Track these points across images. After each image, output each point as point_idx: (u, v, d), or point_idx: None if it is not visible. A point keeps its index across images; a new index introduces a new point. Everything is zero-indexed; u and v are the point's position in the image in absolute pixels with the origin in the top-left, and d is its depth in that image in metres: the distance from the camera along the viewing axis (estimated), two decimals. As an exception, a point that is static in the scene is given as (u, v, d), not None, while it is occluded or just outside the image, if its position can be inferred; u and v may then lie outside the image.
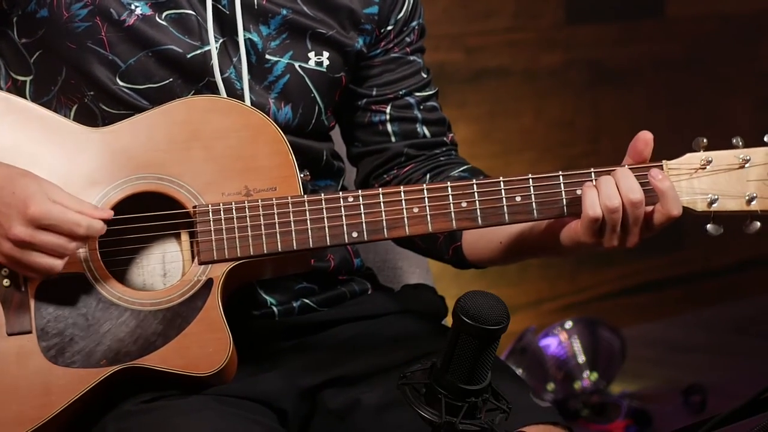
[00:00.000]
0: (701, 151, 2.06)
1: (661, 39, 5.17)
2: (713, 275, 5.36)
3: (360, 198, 2.05)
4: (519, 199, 2.05)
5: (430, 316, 2.32)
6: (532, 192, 2.05)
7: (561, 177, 2.05)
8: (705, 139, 2.06)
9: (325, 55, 2.20)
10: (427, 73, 2.32)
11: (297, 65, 2.18)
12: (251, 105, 2.11)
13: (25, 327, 2.00)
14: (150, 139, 2.05)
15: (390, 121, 2.28)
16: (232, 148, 2.06)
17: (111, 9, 2.09)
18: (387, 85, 2.28)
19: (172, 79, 2.12)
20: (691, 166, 2.05)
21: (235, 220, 2.03)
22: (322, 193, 2.06)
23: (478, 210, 2.05)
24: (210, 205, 2.04)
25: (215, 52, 2.11)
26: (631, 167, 2.03)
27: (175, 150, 2.05)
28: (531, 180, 2.05)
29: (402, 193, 2.05)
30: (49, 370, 1.98)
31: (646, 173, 2.02)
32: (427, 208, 2.06)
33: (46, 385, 1.98)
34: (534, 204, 2.05)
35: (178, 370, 2.00)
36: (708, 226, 2.05)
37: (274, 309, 2.19)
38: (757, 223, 2.05)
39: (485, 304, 1.69)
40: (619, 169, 2.02)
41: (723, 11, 5.31)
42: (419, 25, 2.31)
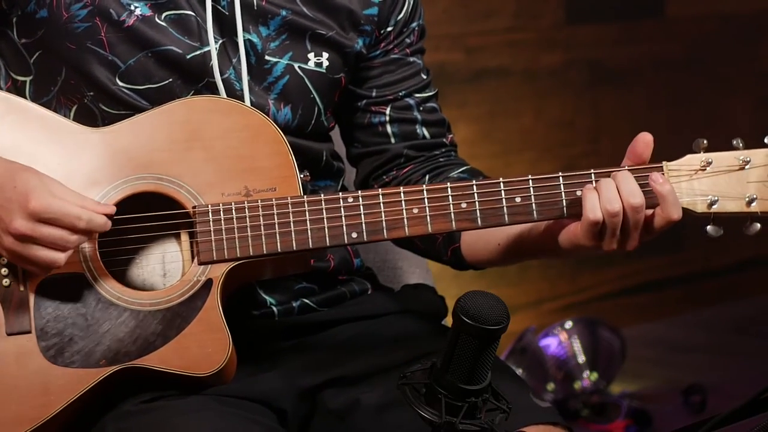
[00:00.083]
0: (701, 153, 2.06)
1: (661, 39, 5.17)
2: (713, 275, 5.36)
3: (360, 198, 2.05)
4: (519, 200, 2.05)
5: (430, 316, 2.32)
6: (532, 193, 2.05)
7: (561, 178, 2.05)
8: (705, 141, 2.06)
9: (325, 56, 2.20)
10: (427, 74, 2.32)
11: (296, 66, 2.18)
12: (251, 106, 2.11)
13: (24, 327, 2.00)
14: (150, 139, 2.05)
15: (389, 123, 2.28)
16: (232, 149, 2.06)
17: (110, 9, 2.09)
18: (387, 86, 2.28)
19: (171, 80, 2.12)
20: (691, 167, 2.05)
21: (234, 221, 2.03)
22: (322, 194, 2.06)
23: (478, 211, 2.05)
24: (210, 206, 2.04)
25: (215, 53, 2.11)
26: (632, 169, 2.03)
27: (175, 150, 2.05)
28: (531, 181, 2.05)
29: (402, 194, 2.05)
30: (48, 370, 1.98)
31: (646, 176, 2.02)
32: (427, 209, 2.05)
33: (45, 385, 1.98)
34: (534, 205, 2.05)
35: (178, 370, 2.00)
36: (708, 227, 2.05)
37: (274, 309, 2.19)
38: (757, 225, 2.04)
39: (485, 304, 1.69)
40: (619, 172, 2.02)
41: (723, 11, 5.30)
42: (419, 26, 2.30)
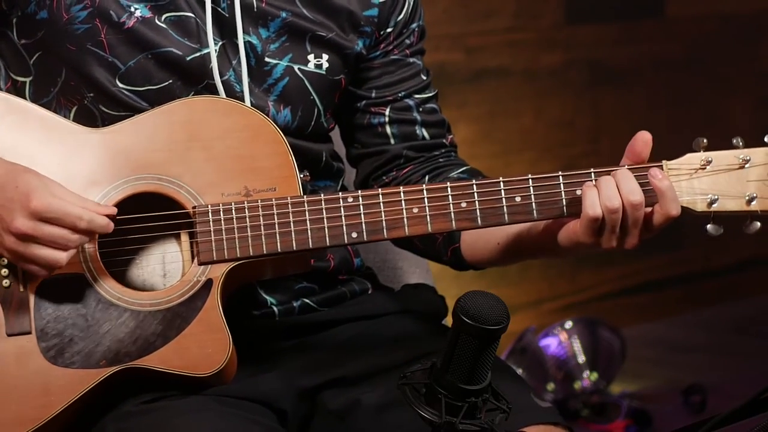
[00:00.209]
0: (701, 151, 2.06)
1: (661, 39, 5.17)
2: (713, 275, 5.36)
3: (359, 198, 2.05)
4: (519, 199, 2.05)
5: (430, 316, 2.32)
6: (532, 192, 2.05)
7: (561, 177, 2.05)
8: (705, 140, 2.06)
9: (325, 57, 2.20)
10: (426, 74, 2.32)
11: (296, 68, 2.18)
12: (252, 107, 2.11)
13: (24, 328, 2.00)
14: (150, 139, 2.05)
15: (389, 123, 2.28)
16: (232, 149, 2.06)
17: (111, 11, 2.09)
18: (386, 87, 2.28)
19: (171, 81, 2.12)
20: (691, 166, 2.05)
21: (234, 221, 2.03)
22: (322, 194, 2.06)
23: (478, 210, 2.05)
24: (210, 206, 2.04)
25: (214, 55, 2.11)
26: (631, 168, 2.03)
27: (174, 150, 2.05)
28: (531, 180, 2.05)
29: (401, 194, 2.05)
30: (48, 370, 1.98)
31: (645, 174, 2.02)
32: (427, 209, 2.05)
33: (45, 385, 1.98)
34: (534, 204, 2.05)
35: (178, 370, 2.00)
36: (708, 226, 2.05)
37: (275, 309, 2.19)
38: (757, 224, 2.04)
39: (485, 304, 1.69)
40: (619, 170, 2.02)
41: (723, 11, 5.30)
42: (419, 26, 2.30)
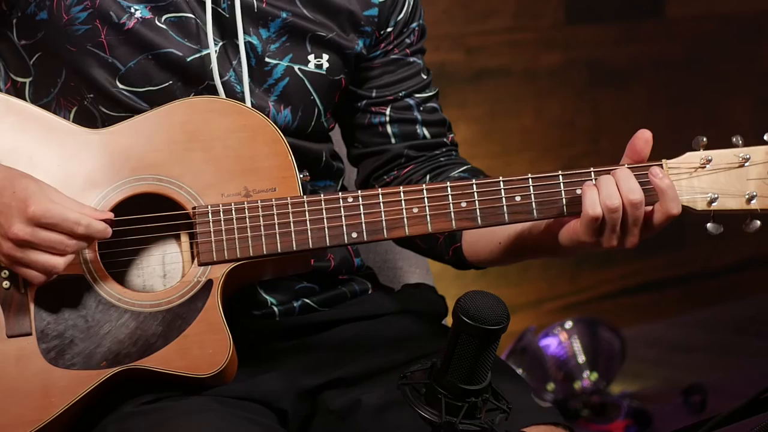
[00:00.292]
0: (701, 150, 2.06)
1: (661, 39, 5.17)
2: (713, 275, 5.36)
3: (359, 198, 2.05)
4: (519, 198, 2.05)
5: (431, 316, 2.32)
6: (532, 192, 2.05)
7: (561, 177, 2.05)
8: (705, 138, 2.06)
9: (325, 57, 2.20)
10: (427, 74, 2.32)
11: (296, 68, 2.18)
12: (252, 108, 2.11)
13: (24, 329, 2.00)
14: (149, 140, 2.05)
15: (390, 123, 2.28)
16: (232, 149, 2.06)
17: (111, 12, 2.09)
18: (387, 86, 2.28)
19: (171, 82, 2.11)
20: (690, 165, 2.05)
21: (234, 221, 2.03)
22: (322, 194, 2.06)
23: (478, 210, 2.05)
24: (209, 206, 2.04)
25: (214, 56, 2.11)
26: (631, 167, 2.03)
27: (174, 151, 2.05)
28: (530, 180, 2.05)
29: (401, 194, 2.05)
30: (49, 372, 1.98)
31: (646, 173, 2.02)
32: (427, 209, 2.05)
33: (46, 387, 1.98)
34: (534, 204, 2.05)
35: (179, 371, 2.00)
36: (708, 225, 2.05)
37: (275, 309, 2.19)
38: (757, 222, 2.04)
39: (485, 304, 1.69)
40: (619, 169, 2.02)
41: (723, 11, 5.30)
42: (419, 26, 2.30)
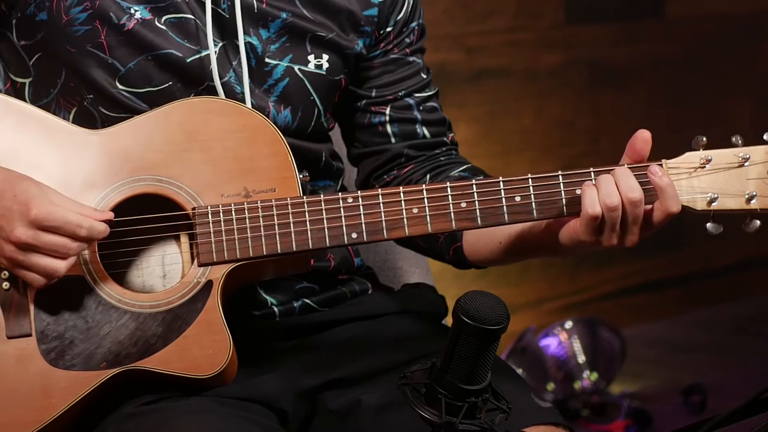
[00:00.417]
0: (701, 150, 2.06)
1: (661, 39, 5.17)
2: (713, 275, 5.36)
3: (359, 199, 2.05)
4: (518, 199, 2.05)
5: (431, 316, 2.32)
6: (532, 192, 2.05)
7: (560, 177, 2.05)
8: (704, 138, 2.06)
9: (325, 57, 2.20)
10: (427, 73, 2.32)
11: (296, 68, 2.18)
12: (252, 108, 2.11)
13: (24, 330, 2.00)
14: (149, 140, 2.05)
15: (390, 122, 2.28)
16: (231, 150, 2.06)
17: (110, 13, 2.09)
18: (386, 86, 2.28)
19: (171, 83, 2.11)
20: (690, 164, 2.05)
21: (234, 222, 2.03)
22: (322, 194, 2.06)
23: (478, 210, 2.05)
24: (209, 207, 2.03)
25: (214, 57, 2.11)
26: (631, 166, 2.03)
27: (173, 151, 2.05)
28: (530, 180, 2.05)
29: (401, 194, 2.05)
30: (49, 373, 1.98)
31: (645, 172, 2.02)
32: (427, 209, 2.05)
33: (46, 388, 1.98)
34: (533, 204, 2.05)
35: (179, 372, 1.99)
36: (708, 225, 2.05)
37: (275, 309, 2.19)
38: (757, 222, 2.04)
39: (485, 304, 1.69)
40: (618, 168, 2.02)
41: (723, 11, 5.30)
42: (419, 25, 2.30)
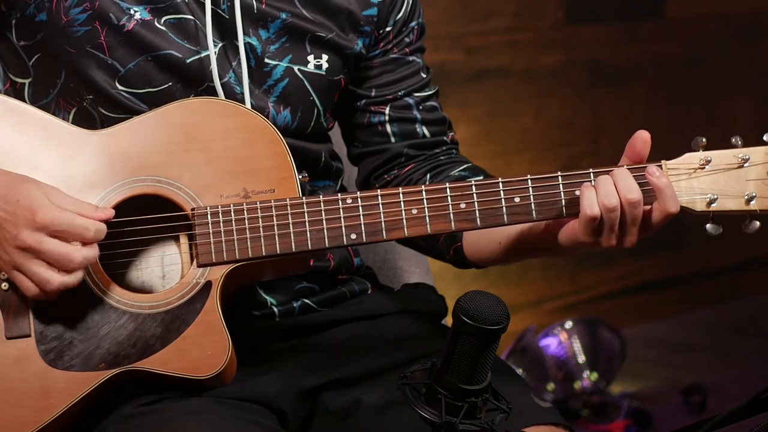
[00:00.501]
0: (700, 151, 2.06)
1: (661, 39, 5.17)
2: (713, 275, 5.36)
3: (358, 200, 2.05)
4: (518, 200, 2.05)
5: (430, 316, 2.32)
6: (531, 193, 2.05)
7: (560, 178, 2.05)
8: (704, 139, 2.06)
9: (325, 57, 2.20)
10: (426, 72, 2.32)
11: (296, 69, 2.18)
12: (251, 109, 2.11)
13: (23, 331, 2.00)
14: (148, 141, 2.05)
15: (389, 122, 2.28)
16: (230, 150, 2.06)
17: (110, 14, 2.09)
18: (386, 86, 2.28)
19: (171, 84, 2.11)
20: (690, 165, 2.05)
21: (233, 223, 2.03)
22: (321, 195, 2.06)
23: (477, 211, 2.05)
24: (208, 208, 2.03)
25: (214, 57, 2.11)
26: (630, 167, 2.03)
27: (173, 152, 2.05)
28: (530, 181, 2.05)
29: (401, 195, 2.05)
30: (48, 373, 1.98)
31: (644, 173, 2.02)
32: (426, 210, 2.05)
33: (45, 388, 1.98)
34: (533, 205, 2.05)
35: (177, 372, 1.99)
36: (707, 225, 2.05)
37: (275, 309, 2.19)
38: (757, 223, 2.04)
39: (485, 304, 1.69)
40: (617, 169, 2.02)
41: (723, 11, 5.30)
42: (418, 24, 2.30)
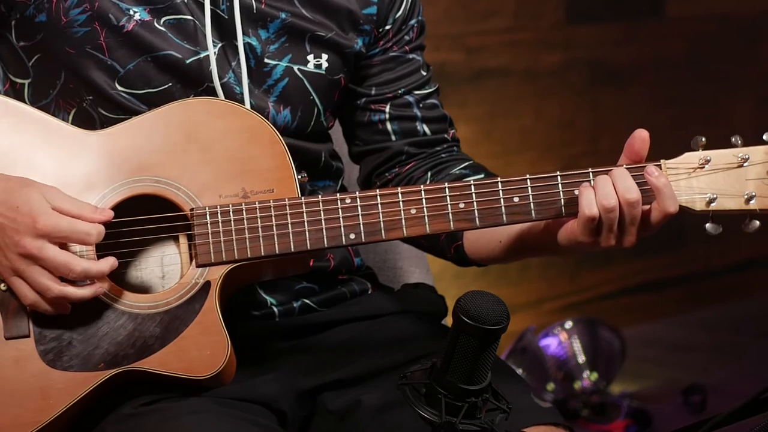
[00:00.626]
0: (700, 150, 2.05)
1: (661, 39, 5.17)
2: (713, 275, 5.36)
3: (357, 200, 2.04)
4: (517, 199, 2.05)
5: (430, 316, 2.32)
6: (530, 192, 2.05)
7: (559, 177, 2.05)
8: (704, 138, 2.05)
9: (324, 57, 2.19)
10: (427, 70, 2.31)
11: (296, 68, 2.18)
12: (251, 109, 2.10)
13: (22, 331, 2.00)
14: (147, 141, 2.05)
15: (389, 120, 2.28)
16: (230, 150, 2.05)
17: (110, 14, 2.09)
18: (386, 84, 2.28)
19: (170, 84, 2.11)
20: (689, 165, 2.05)
21: (232, 223, 2.03)
22: (320, 195, 2.06)
23: (476, 211, 2.05)
24: (207, 208, 2.03)
25: (213, 58, 2.11)
26: (629, 167, 2.03)
27: (172, 152, 2.05)
28: (529, 180, 2.05)
29: (399, 195, 2.05)
30: (47, 373, 1.98)
31: (643, 173, 2.02)
32: (425, 209, 2.05)
33: (44, 388, 1.98)
34: (532, 204, 2.05)
35: (176, 373, 1.99)
36: (707, 225, 2.05)
37: (275, 309, 2.18)
38: (756, 222, 2.04)
39: (485, 304, 1.69)
40: (616, 169, 2.02)
41: (723, 11, 5.31)
42: (418, 22, 2.30)
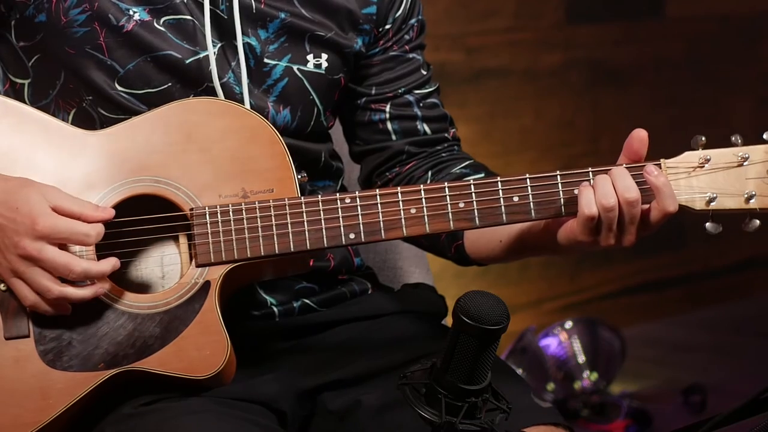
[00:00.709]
0: (699, 150, 2.05)
1: (661, 39, 5.17)
2: (713, 275, 5.36)
3: (357, 199, 2.04)
4: (516, 199, 2.05)
5: (430, 316, 2.32)
6: (530, 192, 2.05)
7: (558, 177, 2.05)
8: (703, 137, 2.05)
9: (324, 57, 2.19)
10: (427, 69, 2.31)
11: (295, 68, 2.18)
12: (250, 109, 2.10)
13: (22, 331, 1.99)
14: (147, 141, 2.05)
15: (390, 120, 2.28)
16: (229, 150, 2.06)
17: (109, 14, 2.09)
18: (386, 83, 2.28)
19: (170, 84, 2.11)
20: (689, 164, 2.05)
21: (232, 223, 2.03)
22: (319, 195, 2.06)
23: (476, 210, 2.05)
24: (207, 208, 2.03)
25: (213, 58, 2.11)
26: (628, 166, 2.03)
27: (171, 152, 2.05)
28: (528, 180, 2.05)
29: (399, 194, 2.05)
30: (46, 374, 1.98)
31: (642, 172, 2.02)
32: (425, 209, 2.05)
33: (43, 389, 1.98)
34: (531, 204, 2.05)
35: (176, 373, 1.99)
36: (707, 224, 2.05)
37: (275, 309, 2.18)
38: (757, 221, 2.04)
39: (485, 304, 1.69)
40: (615, 168, 2.02)
41: (723, 11, 5.31)
42: (418, 21, 2.30)
